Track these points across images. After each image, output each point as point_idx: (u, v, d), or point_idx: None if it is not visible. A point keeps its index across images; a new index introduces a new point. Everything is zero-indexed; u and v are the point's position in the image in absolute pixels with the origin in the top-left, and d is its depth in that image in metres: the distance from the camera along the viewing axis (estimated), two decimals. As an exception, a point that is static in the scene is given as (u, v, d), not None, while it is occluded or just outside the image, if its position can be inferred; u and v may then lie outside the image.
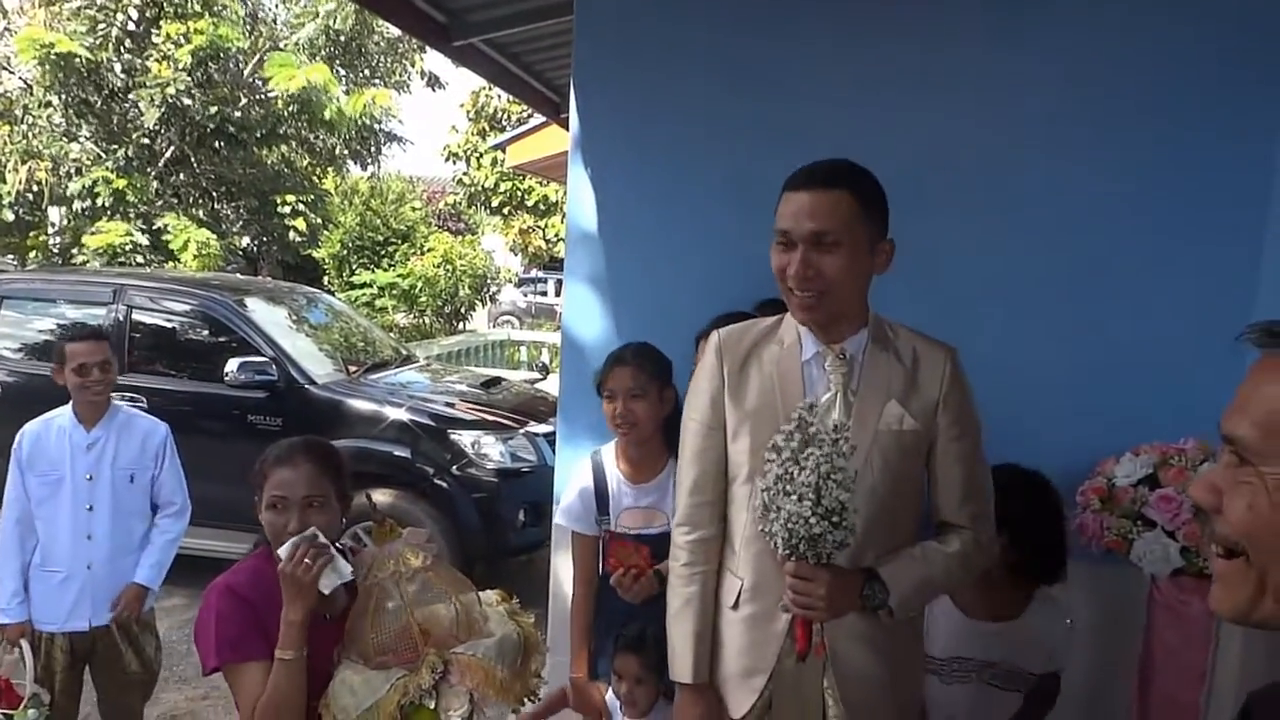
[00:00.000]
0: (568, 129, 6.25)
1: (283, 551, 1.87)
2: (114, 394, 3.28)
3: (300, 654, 1.86)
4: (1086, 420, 2.78)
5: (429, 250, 19.31)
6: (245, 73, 14.32)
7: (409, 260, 19.33)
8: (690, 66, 3.12)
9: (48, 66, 12.03)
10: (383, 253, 19.98)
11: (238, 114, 13.44)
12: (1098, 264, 2.84)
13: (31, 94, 12.98)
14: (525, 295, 24.22)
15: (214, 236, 12.90)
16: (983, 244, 2.89)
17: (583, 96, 3.26)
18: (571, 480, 2.73)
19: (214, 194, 14.48)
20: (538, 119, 8.57)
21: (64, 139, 12.55)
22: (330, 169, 16.97)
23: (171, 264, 12.43)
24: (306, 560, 1.85)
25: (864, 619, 1.85)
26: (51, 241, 13.27)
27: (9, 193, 11.97)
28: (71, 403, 3.15)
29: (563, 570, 3.35)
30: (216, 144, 13.59)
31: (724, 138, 3.09)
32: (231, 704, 2.01)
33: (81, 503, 3.12)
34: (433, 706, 1.88)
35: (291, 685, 1.85)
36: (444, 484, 5.36)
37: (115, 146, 12.86)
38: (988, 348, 2.82)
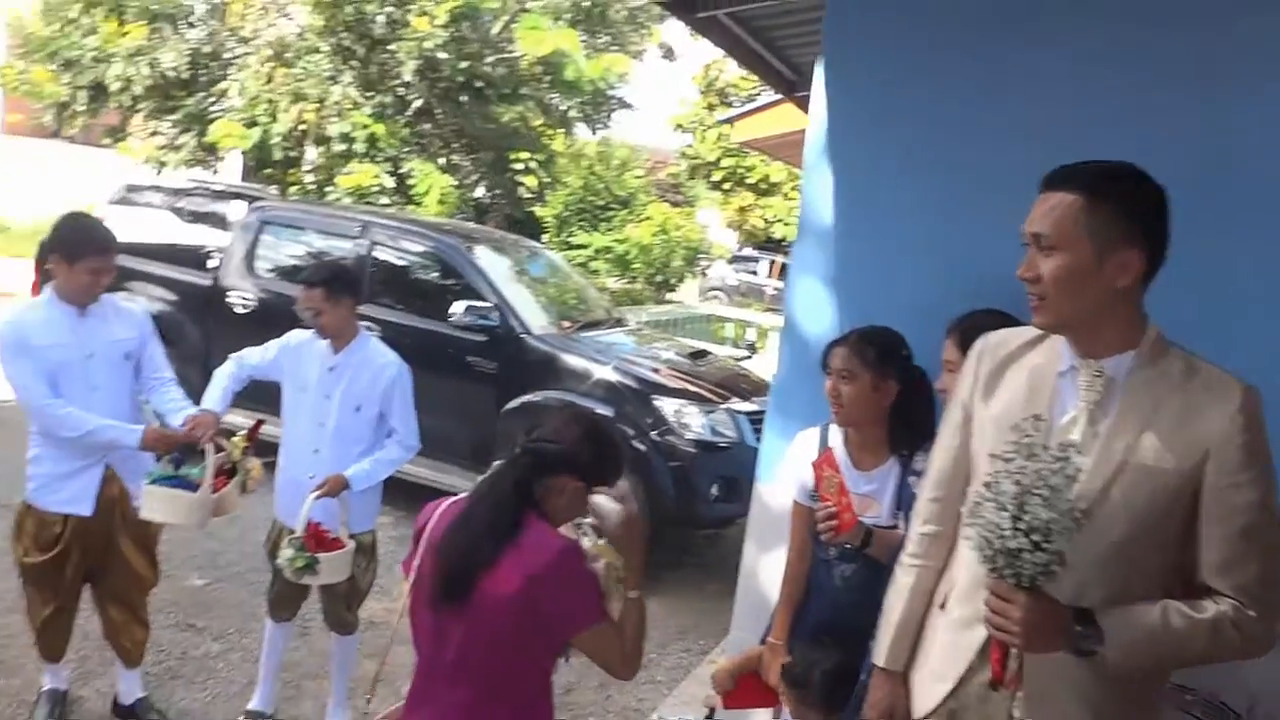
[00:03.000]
0: (802, 108, 6.18)
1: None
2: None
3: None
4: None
5: (646, 218, 19.64)
6: (494, 32, 14.92)
7: (626, 226, 19.73)
8: (944, 60, 3.00)
9: (320, 11, 12.94)
10: (601, 217, 20.49)
11: (486, 70, 14.04)
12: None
13: (304, 39, 14.01)
14: (736, 272, 24.21)
15: (453, 184, 13.59)
16: (1266, 256, 2.62)
17: (830, 81, 3.19)
18: (793, 449, 2.73)
19: (454, 145, 15.22)
20: (768, 96, 8.49)
21: (329, 83, 13.47)
22: (561, 130, 17.47)
23: (411, 207, 13.17)
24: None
25: (1078, 665, 1.69)
26: (307, 178, 14.32)
27: (278, 132, 12.97)
28: None
29: (756, 549, 3.35)
30: (462, 98, 14.27)
31: (975, 136, 2.94)
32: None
33: (316, 418, 3.36)
34: None
35: (645, 619, 1.99)
36: (642, 447, 5.44)
37: (372, 94, 13.72)
38: (1265, 362, 2.59)
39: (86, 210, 3.86)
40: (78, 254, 3.08)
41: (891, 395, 2.48)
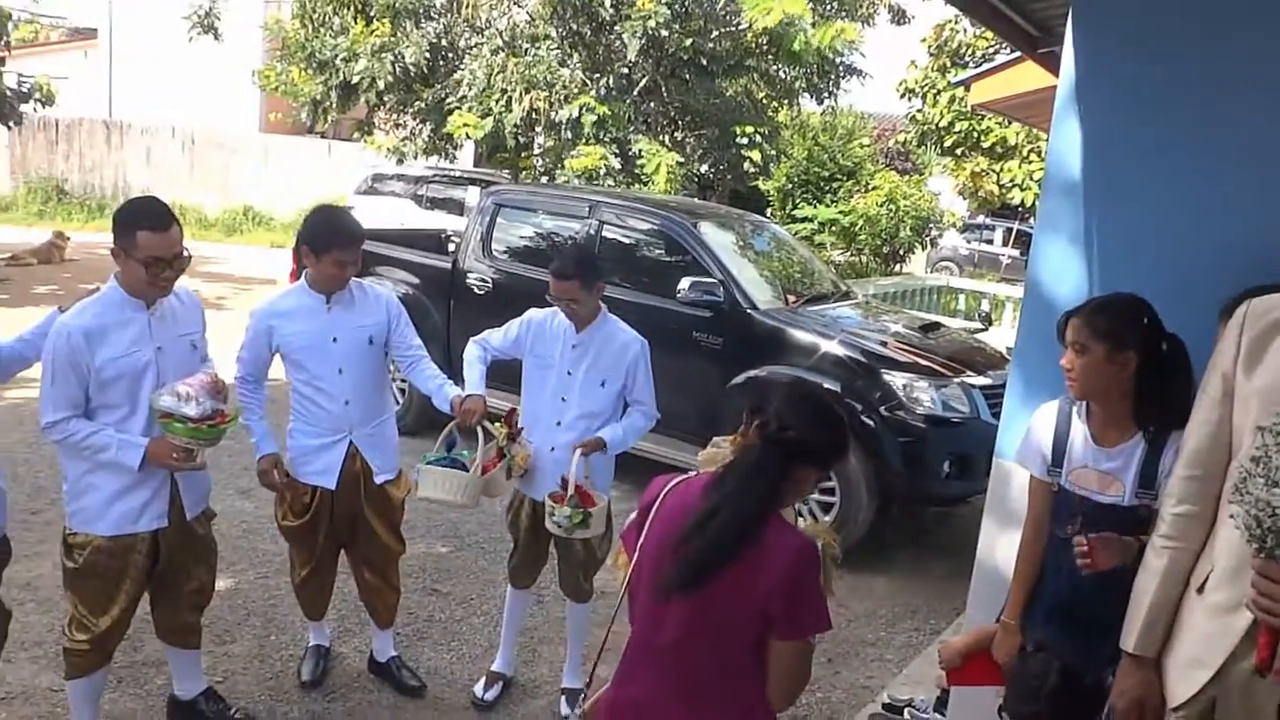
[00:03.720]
0: (1045, 65, 5.78)
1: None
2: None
3: None
4: None
5: (873, 188, 19.07)
6: (718, 5, 14.87)
7: (852, 197, 19.25)
8: (1210, 16, 2.73)
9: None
10: (826, 188, 20.09)
11: (709, 45, 14.03)
12: None
13: (533, 25, 14.49)
14: (968, 242, 23.11)
15: (678, 160, 13.70)
16: None
17: (1082, 37, 2.96)
18: (1034, 422, 2.61)
19: (679, 122, 15.33)
20: (1005, 55, 8.00)
21: (558, 68, 13.88)
22: (785, 102, 17.22)
23: (637, 185, 13.40)
24: None
25: None
26: (537, 162, 14.83)
27: (511, 121, 13.51)
28: None
29: (995, 526, 3.20)
30: (686, 74, 14.33)
31: (1243, 101, 2.67)
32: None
33: (559, 392, 3.51)
34: None
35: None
36: (870, 422, 5.32)
37: (598, 76, 14.03)
38: None
39: (337, 202, 4.15)
40: (324, 246, 3.30)
41: (1130, 367, 2.30)
